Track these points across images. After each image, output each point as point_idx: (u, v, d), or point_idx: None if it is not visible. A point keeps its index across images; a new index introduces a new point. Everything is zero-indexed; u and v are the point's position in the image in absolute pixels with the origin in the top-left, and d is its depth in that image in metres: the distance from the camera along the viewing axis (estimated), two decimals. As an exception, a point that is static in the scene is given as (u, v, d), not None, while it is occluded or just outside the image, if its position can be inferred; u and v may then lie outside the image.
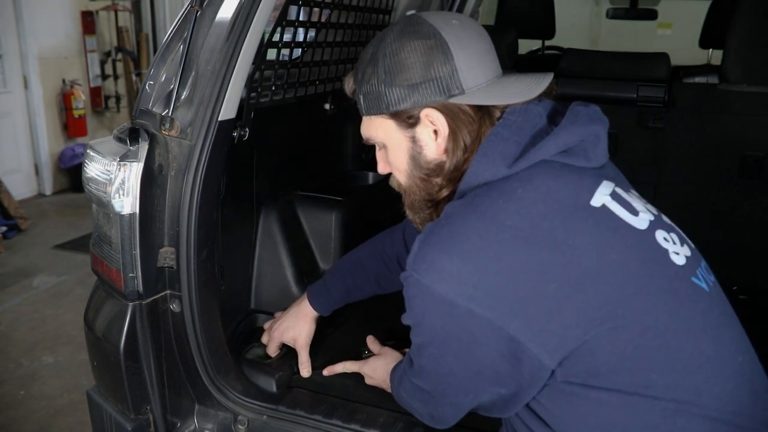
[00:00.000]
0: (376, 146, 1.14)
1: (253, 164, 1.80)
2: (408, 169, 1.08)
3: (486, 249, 0.91)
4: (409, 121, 1.04)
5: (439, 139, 1.03)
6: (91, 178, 1.34)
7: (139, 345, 1.35)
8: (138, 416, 1.39)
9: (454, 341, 0.95)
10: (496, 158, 0.98)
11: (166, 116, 1.29)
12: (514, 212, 0.92)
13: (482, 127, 1.02)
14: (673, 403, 0.90)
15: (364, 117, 1.11)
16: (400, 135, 1.06)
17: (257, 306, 1.85)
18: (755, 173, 2.12)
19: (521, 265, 0.90)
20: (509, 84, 1.04)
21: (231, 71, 1.29)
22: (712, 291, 1.00)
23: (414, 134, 1.05)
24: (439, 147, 1.04)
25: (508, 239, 0.90)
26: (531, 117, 1.01)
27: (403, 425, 1.39)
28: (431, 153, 1.05)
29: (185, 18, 1.32)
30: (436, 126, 1.02)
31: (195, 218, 1.30)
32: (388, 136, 1.08)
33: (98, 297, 1.46)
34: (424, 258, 0.93)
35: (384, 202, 2.35)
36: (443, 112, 1.01)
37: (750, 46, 1.98)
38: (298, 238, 1.94)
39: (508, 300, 0.90)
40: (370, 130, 1.10)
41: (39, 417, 2.69)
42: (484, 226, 0.92)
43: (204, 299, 1.36)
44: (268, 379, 1.49)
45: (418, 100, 1.01)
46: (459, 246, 0.91)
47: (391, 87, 1.02)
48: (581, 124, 0.99)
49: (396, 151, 1.08)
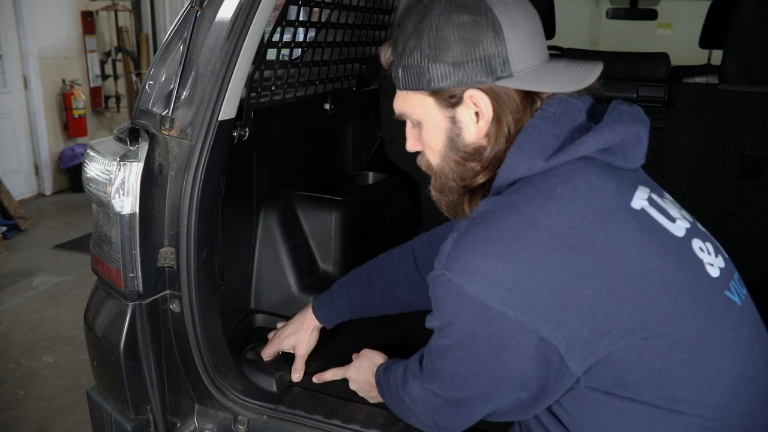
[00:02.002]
0: (407, 122, 1.07)
1: (253, 164, 1.80)
2: (443, 150, 1.02)
3: (521, 250, 0.87)
4: (450, 101, 0.97)
5: (480, 123, 0.97)
6: (91, 178, 1.34)
7: (139, 345, 1.35)
8: (138, 416, 1.39)
9: (483, 344, 0.91)
10: (533, 151, 0.92)
11: (166, 116, 1.29)
12: (553, 212, 0.88)
13: (525, 115, 0.96)
14: (698, 419, 0.88)
15: (399, 91, 1.04)
16: (439, 114, 0.99)
17: (257, 306, 1.85)
18: (755, 173, 2.12)
19: (557, 269, 0.86)
20: (559, 71, 0.98)
21: (231, 71, 1.29)
22: (744, 305, 0.97)
23: (454, 115, 0.98)
24: (480, 131, 0.98)
25: (544, 241, 0.87)
26: (571, 110, 0.96)
27: (403, 425, 1.39)
28: (471, 136, 0.99)
29: (185, 18, 1.32)
30: (479, 108, 0.96)
31: (195, 218, 1.30)
32: (426, 114, 1.01)
33: (98, 297, 1.46)
34: (458, 257, 0.89)
35: (384, 202, 2.36)
36: (488, 94, 0.95)
37: (750, 46, 1.98)
38: (298, 237, 1.94)
39: (542, 303, 0.86)
40: (406, 105, 1.03)
41: (39, 417, 2.69)
42: (521, 226, 0.88)
43: (204, 299, 1.36)
44: (268, 379, 1.49)
45: (462, 79, 0.94)
46: (494, 247, 0.87)
47: (435, 63, 0.95)
48: (624, 124, 0.95)
49: (432, 131, 1.02)
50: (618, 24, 6.18)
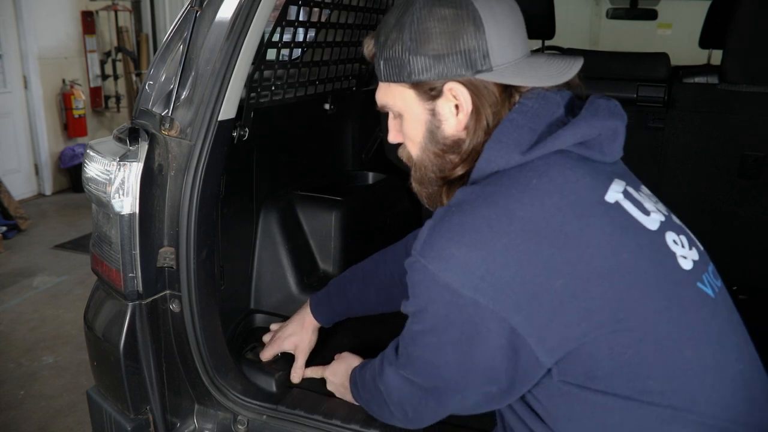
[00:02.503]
0: (389, 114, 1.09)
1: (253, 164, 1.80)
2: (423, 142, 1.03)
3: (495, 240, 0.88)
4: (430, 93, 0.99)
5: (460, 115, 0.99)
6: (90, 178, 1.34)
7: (138, 345, 1.35)
8: (138, 416, 1.39)
9: (455, 331, 0.93)
10: (510, 145, 0.94)
11: (165, 116, 1.29)
12: (527, 203, 0.89)
13: (503, 108, 0.97)
14: (670, 410, 0.89)
15: (381, 83, 1.05)
16: (419, 106, 1.01)
17: (257, 306, 1.85)
18: (755, 173, 2.12)
19: (529, 260, 0.87)
20: (539, 65, 0.99)
21: (231, 71, 1.29)
22: (718, 297, 0.98)
23: (434, 107, 1.00)
24: (459, 123, 0.99)
25: (518, 231, 0.88)
26: (548, 105, 0.97)
27: (402, 425, 1.39)
28: (450, 129, 1.00)
29: (185, 18, 1.32)
30: (458, 101, 0.98)
31: (195, 218, 1.30)
32: (406, 106, 1.02)
33: (98, 297, 1.46)
34: (433, 245, 0.91)
35: (384, 202, 2.36)
36: (468, 87, 0.96)
37: (750, 46, 1.98)
38: (298, 237, 1.94)
39: (514, 293, 0.87)
40: (387, 97, 1.05)
41: (39, 417, 2.69)
42: (495, 216, 0.89)
43: (203, 299, 1.36)
44: (267, 378, 1.49)
45: (442, 72, 0.96)
46: (468, 235, 0.89)
47: (415, 55, 0.96)
48: (601, 118, 0.96)
49: (412, 123, 1.03)
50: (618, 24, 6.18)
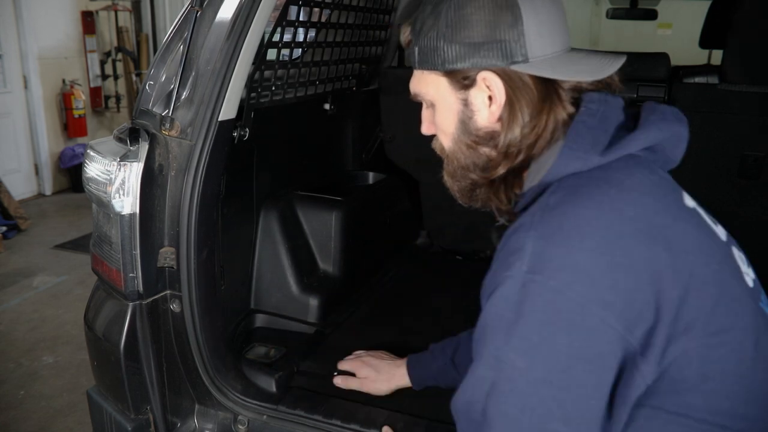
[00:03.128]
0: (423, 104, 1.05)
1: (253, 164, 1.80)
2: (455, 134, 0.99)
3: (613, 243, 0.78)
4: (464, 82, 0.95)
5: (493, 107, 0.94)
6: (91, 178, 1.34)
7: (139, 345, 1.35)
8: (138, 416, 1.39)
9: (581, 366, 0.76)
10: (587, 147, 0.87)
11: (166, 116, 1.29)
12: (631, 203, 0.82)
13: (544, 104, 0.92)
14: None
15: (415, 71, 1.02)
16: (452, 96, 0.98)
17: (257, 306, 1.85)
18: (755, 173, 2.12)
19: (647, 265, 0.78)
20: (578, 60, 0.95)
21: (231, 71, 1.29)
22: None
23: (467, 97, 0.96)
24: (492, 115, 0.95)
25: (631, 233, 0.79)
26: (613, 108, 0.92)
27: (403, 425, 1.39)
28: (482, 120, 0.96)
29: (185, 18, 1.32)
30: (491, 92, 0.94)
31: (195, 218, 1.30)
32: (439, 95, 0.99)
33: (98, 297, 1.46)
34: (551, 256, 0.78)
35: (384, 202, 2.36)
36: (502, 78, 0.92)
37: (750, 46, 1.98)
38: (298, 238, 1.94)
39: (637, 306, 0.77)
40: (421, 85, 1.01)
41: (39, 417, 2.69)
42: (606, 216, 0.80)
43: (204, 299, 1.36)
44: (268, 379, 1.49)
45: (477, 61, 0.92)
46: (588, 239, 0.78)
47: (450, 43, 0.93)
48: (669, 122, 0.92)
49: (445, 112, 1.00)
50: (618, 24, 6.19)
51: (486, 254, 2.49)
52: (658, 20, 4.64)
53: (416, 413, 1.43)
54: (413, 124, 2.63)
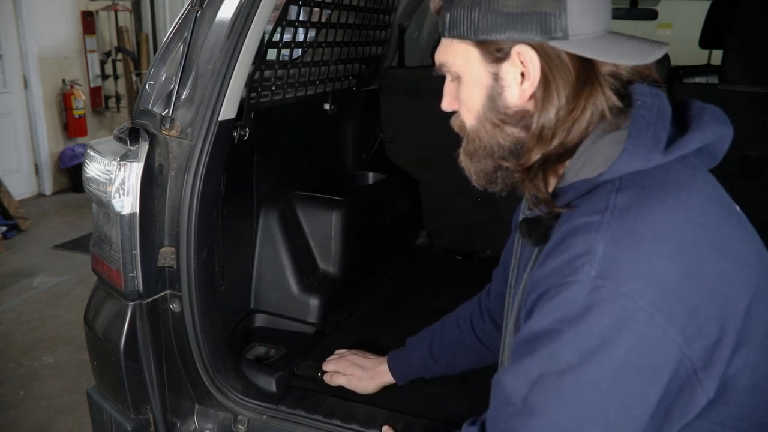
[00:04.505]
0: (447, 78, 0.97)
1: (253, 164, 1.80)
2: (481, 111, 0.92)
3: (686, 252, 0.75)
4: (496, 55, 0.88)
5: (525, 84, 0.87)
6: (91, 177, 1.34)
7: (139, 345, 1.35)
8: (138, 416, 1.39)
9: (633, 374, 0.74)
10: (650, 144, 0.81)
11: (166, 116, 1.29)
12: (701, 210, 0.78)
13: (584, 87, 0.86)
14: None
15: (444, 39, 0.94)
16: (481, 68, 0.90)
17: (257, 306, 1.85)
18: (755, 173, 2.12)
19: (716, 277, 0.75)
20: (620, 42, 0.88)
21: (231, 71, 1.29)
22: None
23: (498, 71, 0.89)
24: (523, 93, 0.88)
25: (703, 242, 0.76)
26: (664, 103, 0.86)
27: (403, 425, 1.39)
28: (512, 97, 0.89)
29: (185, 18, 1.32)
30: (525, 68, 0.87)
31: (195, 218, 1.30)
32: (467, 67, 0.91)
33: (98, 297, 1.46)
34: (624, 262, 0.74)
35: (384, 202, 2.36)
36: (539, 54, 0.85)
37: (750, 46, 1.98)
38: (298, 238, 1.94)
39: (700, 319, 0.74)
40: (448, 55, 0.93)
41: (39, 417, 2.69)
42: (680, 223, 0.76)
43: (204, 299, 1.36)
44: (267, 378, 1.49)
45: (513, 33, 0.85)
46: (665, 247, 0.74)
47: (486, 12, 0.86)
48: (720, 123, 0.87)
49: (471, 87, 0.92)
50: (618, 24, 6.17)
51: (486, 254, 2.49)
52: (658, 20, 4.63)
53: (416, 413, 1.43)
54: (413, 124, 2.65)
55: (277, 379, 1.49)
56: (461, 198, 2.44)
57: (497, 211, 2.49)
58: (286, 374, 1.53)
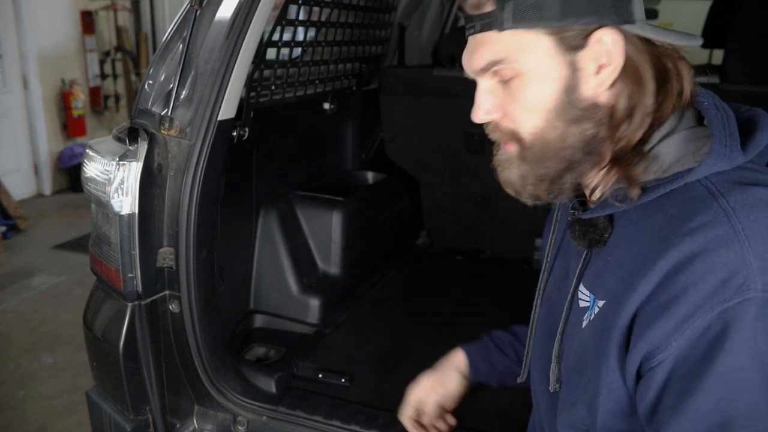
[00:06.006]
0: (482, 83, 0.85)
1: (253, 164, 1.80)
2: (553, 108, 0.80)
3: None
4: (573, 42, 0.78)
5: (603, 73, 0.78)
6: (90, 177, 1.34)
7: (138, 345, 1.34)
8: (137, 416, 1.39)
9: None
10: (730, 143, 0.77)
11: (165, 116, 1.29)
12: None
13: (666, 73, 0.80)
14: None
15: (500, 33, 0.80)
16: (555, 60, 0.79)
17: (256, 306, 1.85)
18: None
19: None
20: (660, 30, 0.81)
21: (230, 71, 1.28)
22: None
23: (576, 60, 0.79)
24: (600, 83, 0.79)
25: None
26: (724, 103, 0.82)
27: (402, 426, 1.39)
28: (589, 89, 0.79)
29: (185, 17, 1.32)
30: (607, 55, 0.78)
31: (194, 218, 1.30)
32: (537, 61, 0.79)
33: (97, 297, 1.45)
34: None
35: (384, 202, 2.35)
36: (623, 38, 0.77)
37: (751, 45, 1.98)
38: (298, 238, 1.94)
39: None
40: (508, 50, 0.80)
41: (38, 417, 2.68)
42: None
43: (203, 299, 1.36)
44: (267, 379, 1.49)
45: (591, 18, 0.76)
46: None
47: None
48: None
49: (539, 83, 0.80)
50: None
51: (486, 254, 2.48)
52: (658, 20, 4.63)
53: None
54: (413, 124, 2.64)
55: (276, 380, 1.49)
56: (461, 198, 2.44)
57: (497, 211, 2.49)
58: (286, 375, 1.53)
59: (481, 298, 2.05)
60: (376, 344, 1.66)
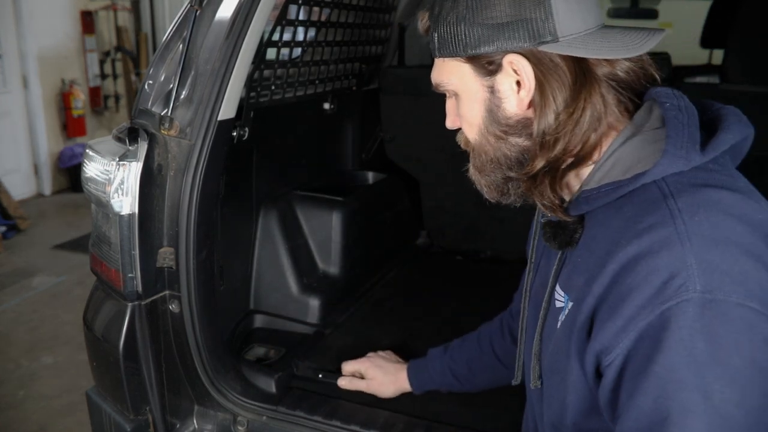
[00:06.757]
0: (446, 95, 0.97)
1: (253, 164, 1.79)
2: (482, 125, 0.91)
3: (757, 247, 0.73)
4: (488, 68, 0.87)
5: (522, 92, 0.86)
6: (90, 177, 1.34)
7: (138, 345, 1.34)
8: (137, 417, 1.39)
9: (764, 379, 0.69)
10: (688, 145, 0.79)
11: (165, 116, 1.29)
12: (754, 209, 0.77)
13: (582, 87, 0.84)
14: None
15: (436, 59, 0.94)
16: (476, 83, 0.90)
17: (256, 306, 1.85)
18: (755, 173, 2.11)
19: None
20: (612, 36, 0.86)
21: (230, 71, 1.28)
22: None
23: (493, 84, 0.88)
24: (521, 101, 0.87)
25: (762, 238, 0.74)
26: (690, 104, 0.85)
27: (402, 426, 1.39)
28: (511, 108, 0.88)
29: (185, 17, 1.32)
30: (519, 76, 0.86)
31: (194, 218, 1.30)
32: (462, 84, 0.91)
33: (97, 297, 1.45)
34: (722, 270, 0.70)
35: (384, 202, 2.35)
36: (531, 60, 0.84)
37: (751, 45, 1.98)
38: (298, 238, 1.94)
39: None
40: (442, 75, 0.93)
41: (38, 417, 2.68)
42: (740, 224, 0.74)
43: (203, 300, 1.36)
44: (267, 379, 1.49)
45: (502, 44, 0.85)
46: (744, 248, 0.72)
47: (471, 26, 0.85)
48: (743, 123, 0.86)
49: (469, 102, 0.92)
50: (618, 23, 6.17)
51: (486, 254, 2.48)
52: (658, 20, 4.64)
53: (416, 414, 1.43)
54: (413, 124, 2.64)
55: (276, 380, 1.48)
56: (461, 198, 2.44)
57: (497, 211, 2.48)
58: (286, 375, 1.53)
59: (481, 298, 2.05)
60: (376, 344, 1.66)
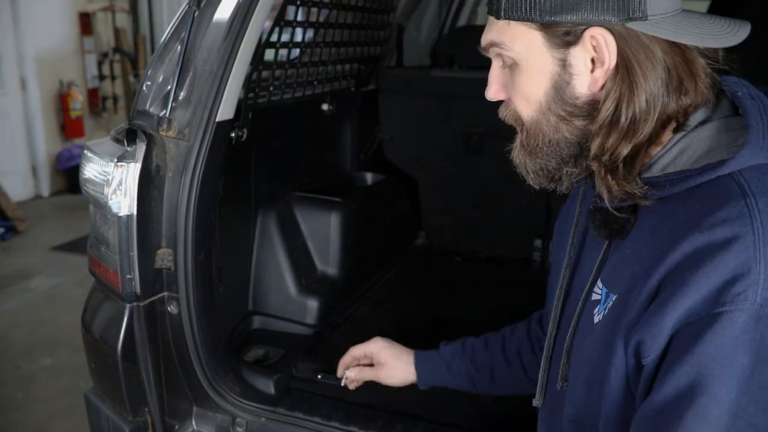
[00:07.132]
0: (494, 63, 0.86)
1: (251, 165, 1.79)
2: (543, 102, 0.81)
3: None
4: (565, 39, 0.77)
5: (597, 71, 0.78)
6: (88, 179, 1.34)
7: (136, 347, 1.34)
8: (136, 418, 1.39)
9: None
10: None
11: (163, 117, 1.29)
12: None
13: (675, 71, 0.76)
14: None
15: (497, 20, 0.81)
16: (546, 54, 0.79)
17: (255, 307, 1.85)
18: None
19: None
20: (699, 22, 0.78)
21: (229, 72, 1.28)
22: None
23: (566, 57, 0.78)
24: (595, 81, 0.78)
25: None
26: (757, 90, 0.80)
27: (402, 427, 1.39)
28: (582, 87, 0.79)
29: (183, 18, 1.31)
30: (597, 53, 0.77)
31: (192, 219, 1.30)
32: (528, 53, 0.80)
33: (96, 299, 1.45)
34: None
35: (383, 202, 2.35)
36: (616, 37, 0.75)
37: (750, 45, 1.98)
38: (296, 239, 1.93)
39: None
40: (504, 36, 0.81)
41: (37, 419, 2.68)
42: None
43: (202, 301, 1.35)
44: (266, 381, 1.48)
45: (586, 14, 0.74)
46: None
47: None
48: None
49: (533, 75, 0.81)
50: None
51: (485, 255, 2.48)
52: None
53: (416, 415, 1.43)
54: (412, 125, 2.64)
55: (275, 381, 1.48)
56: (460, 198, 2.44)
57: (496, 211, 2.49)
58: (285, 376, 1.53)
59: (480, 298, 2.05)
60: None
